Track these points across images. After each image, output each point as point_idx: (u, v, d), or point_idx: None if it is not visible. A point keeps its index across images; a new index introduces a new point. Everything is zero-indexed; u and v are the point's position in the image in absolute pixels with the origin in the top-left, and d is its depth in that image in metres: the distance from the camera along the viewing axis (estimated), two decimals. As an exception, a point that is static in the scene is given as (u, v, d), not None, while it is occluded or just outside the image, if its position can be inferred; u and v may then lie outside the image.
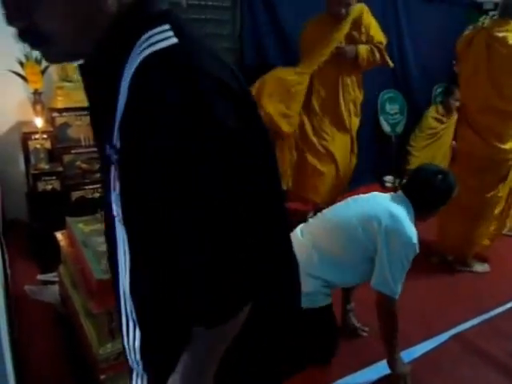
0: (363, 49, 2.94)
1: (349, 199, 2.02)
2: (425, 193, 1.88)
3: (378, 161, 4.24)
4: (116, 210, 0.67)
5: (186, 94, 0.56)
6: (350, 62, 2.95)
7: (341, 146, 3.10)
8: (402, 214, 1.81)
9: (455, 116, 4.02)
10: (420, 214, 1.89)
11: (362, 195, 2.02)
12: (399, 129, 4.34)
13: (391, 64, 3.11)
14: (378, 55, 2.97)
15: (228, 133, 0.58)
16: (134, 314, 0.72)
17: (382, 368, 1.93)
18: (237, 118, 0.60)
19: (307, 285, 1.83)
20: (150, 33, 0.61)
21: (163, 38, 0.60)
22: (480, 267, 2.91)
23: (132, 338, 0.74)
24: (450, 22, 4.38)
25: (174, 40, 0.60)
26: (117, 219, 0.69)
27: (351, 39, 2.96)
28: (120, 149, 0.62)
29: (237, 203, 0.61)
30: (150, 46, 0.60)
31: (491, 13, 4.40)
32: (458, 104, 3.95)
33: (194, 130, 0.56)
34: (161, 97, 0.56)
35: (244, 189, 0.62)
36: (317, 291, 1.86)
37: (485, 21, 4.33)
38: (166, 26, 0.61)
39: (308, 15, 3.03)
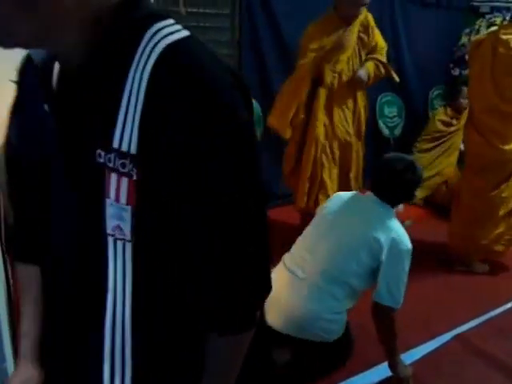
0: (371, 67, 2.93)
1: (324, 220, 1.97)
2: (399, 190, 1.90)
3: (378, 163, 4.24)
4: (116, 224, 0.58)
5: (209, 87, 0.55)
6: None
7: (357, 154, 3.11)
8: (393, 222, 1.83)
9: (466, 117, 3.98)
10: (394, 206, 1.91)
11: (330, 207, 2.00)
12: (397, 131, 4.35)
13: (397, 78, 3.10)
14: (383, 70, 2.97)
15: (242, 124, 0.58)
16: (126, 352, 0.64)
17: (383, 370, 1.93)
18: (247, 110, 0.59)
19: (333, 323, 1.82)
20: (156, 27, 0.57)
21: (174, 30, 0.57)
22: (480, 267, 2.91)
23: (119, 382, 0.66)
24: (447, 26, 4.40)
25: (186, 32, 0.58)
26: (111, 239, 0.59)
27: (361, 43, 2.94)
28: (138, 150, 0.56)
29: (248, 197, 0.60)
30: (162, 38, 0.56)
31: (488, 16, 4.42)
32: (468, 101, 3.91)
33: (222, 119, 0.55)
34: (185, 91, 0.54)
35: (254, 182, 0.61)
36: (341, 324, 1.87)
37: (481, 24, 4.36)
38: (171, 21, 0.59)
39: (308, 21, 3.00)
